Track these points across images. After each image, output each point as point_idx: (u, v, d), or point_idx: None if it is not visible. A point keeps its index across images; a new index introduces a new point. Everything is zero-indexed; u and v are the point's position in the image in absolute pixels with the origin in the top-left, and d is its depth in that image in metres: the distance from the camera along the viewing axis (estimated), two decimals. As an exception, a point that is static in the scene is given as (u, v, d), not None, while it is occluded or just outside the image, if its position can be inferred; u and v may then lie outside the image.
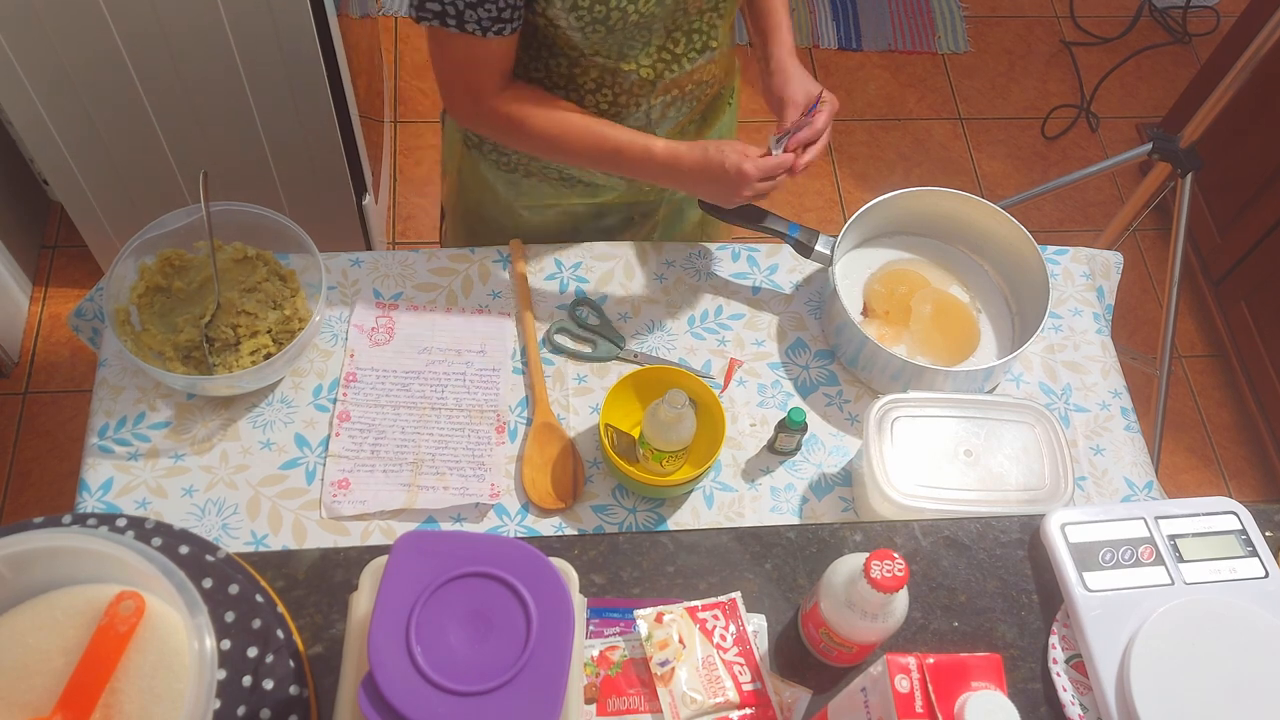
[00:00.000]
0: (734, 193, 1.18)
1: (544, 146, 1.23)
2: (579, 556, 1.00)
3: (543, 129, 1.19)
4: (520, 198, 1.39)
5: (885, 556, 0.84)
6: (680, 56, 1.21)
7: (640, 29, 1.14)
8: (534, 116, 1.18)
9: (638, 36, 1.15)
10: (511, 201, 1.40)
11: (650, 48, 1.18)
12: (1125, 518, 1.02)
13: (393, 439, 1.23)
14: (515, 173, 1.36)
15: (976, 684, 0.78)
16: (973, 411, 1.18)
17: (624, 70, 1.19)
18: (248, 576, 0.85)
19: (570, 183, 1.37)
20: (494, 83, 1.17)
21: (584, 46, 1.15)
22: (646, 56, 1.18)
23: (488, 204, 1.42)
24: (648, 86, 1.22)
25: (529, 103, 1.19)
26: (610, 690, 0.92)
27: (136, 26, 1.63)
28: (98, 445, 1.20)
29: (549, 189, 1.38)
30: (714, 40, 1.23)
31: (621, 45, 1.15)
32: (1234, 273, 2.44)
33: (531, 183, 1.37)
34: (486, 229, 1.46)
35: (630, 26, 1.12)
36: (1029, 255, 1.34)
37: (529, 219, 1.42)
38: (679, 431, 1.14)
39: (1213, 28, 3.10)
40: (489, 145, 1.35)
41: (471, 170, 1.40)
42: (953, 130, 2.84)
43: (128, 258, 1.21)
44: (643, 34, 1.15)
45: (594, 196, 1.40)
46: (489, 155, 1.36)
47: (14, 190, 2.24)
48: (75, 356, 2.23)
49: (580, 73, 1.20)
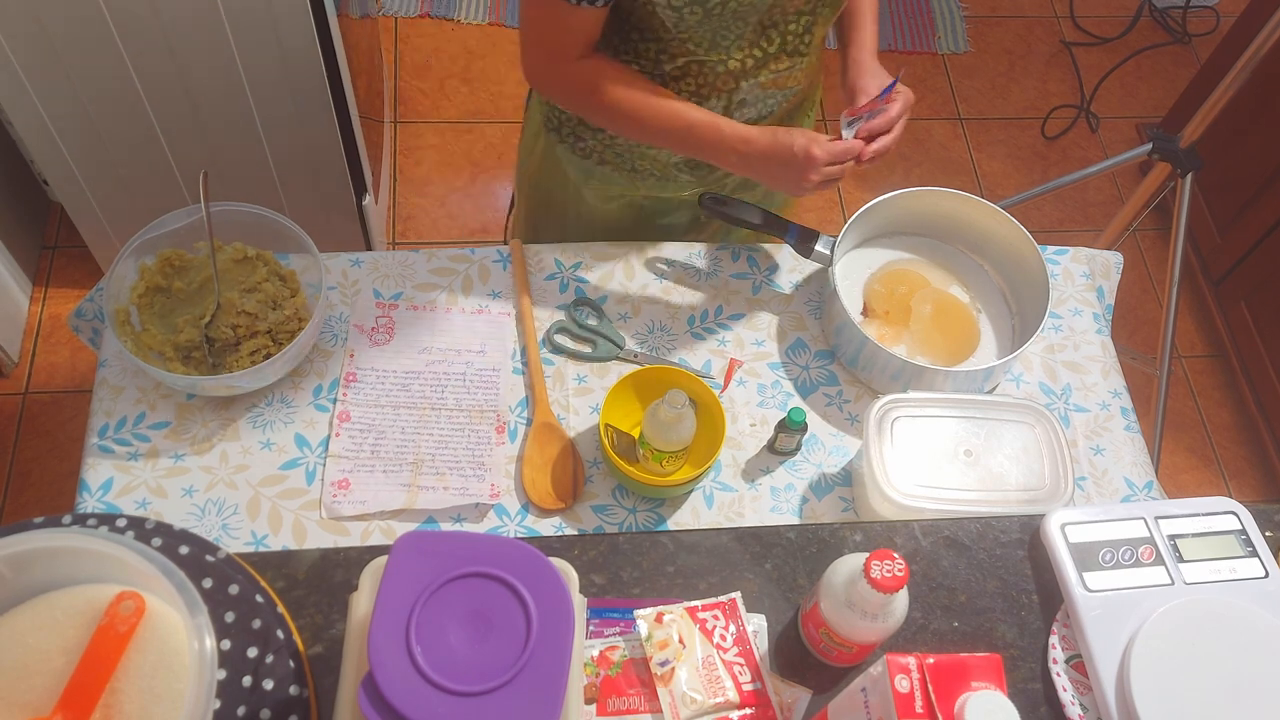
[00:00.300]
0: (802, 177, 1.16)
1: (615, 116, 1.21)
2: (579, 556, 1.00)
3: (616, 98, 1.18)
4: (590, 183, 1.39)
5: (885, 556, 0.84)
6: (770, 56, 1.20)
7: (736, 19, 1.13)
8: (609, 84, 1.18)
9: (732, 27, 1.14)
10: (581, 187, 1.40)
11: (742, 41, 1.17)
12: (1125, 518, 1.02)
13: (393, 439, 1.23)
14: (589, 159, 1.36)
15: (976, 684, 0.78)
16: (973, 411, 1.18)
17: (711, 60, 1.18)
18: (248, 577, 0.85)
19: (642, 175, 1.37)
20: (575, 50, 1.17)
21: (676, 30, 1.14)
22: (737, 50, 1.18)
23: (557, 189, 1.43)
24: (732, 81, 1.21)
25: (606, 71, 1.18)
26: (610, 690, 0.92)
27: (136, 27, 1.63)
28: (98, 445, 1.20)
29: (621, 179, 1.37)
30: (805, 45, 1.22)
31: (714, 33, 1.14)
32: (1234, 273, 2.44)
33: (605, 170, 1.37)
34: (552, 215, 1.46)
35: (728, 14, 1.11)
36: (1029, 255, 1.34)
37: (596, 208, 1.42)
38: (679, 431, 1.14)
39: (1212, 28, 3.10)
40: (568, 129, 1.35)
41: (548, 152, 1.40)
42: (953, 130, 2.84)
43: (128, 258, 1.21)
44: (737, 25, 1.14)
45: (663, 191, 1.39)
46: (566, 139, 1.36)
47: (14, 190, 2.24)
48: (75, 356, 2.23)
49: (667, 59, 1.19)
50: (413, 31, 2.80)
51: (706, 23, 1.12)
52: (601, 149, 1.34)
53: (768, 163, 1.17)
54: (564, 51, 1.17)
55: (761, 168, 1.19)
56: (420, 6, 2.84)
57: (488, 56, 2.78)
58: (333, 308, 1.32)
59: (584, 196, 1.41)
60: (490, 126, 2.67)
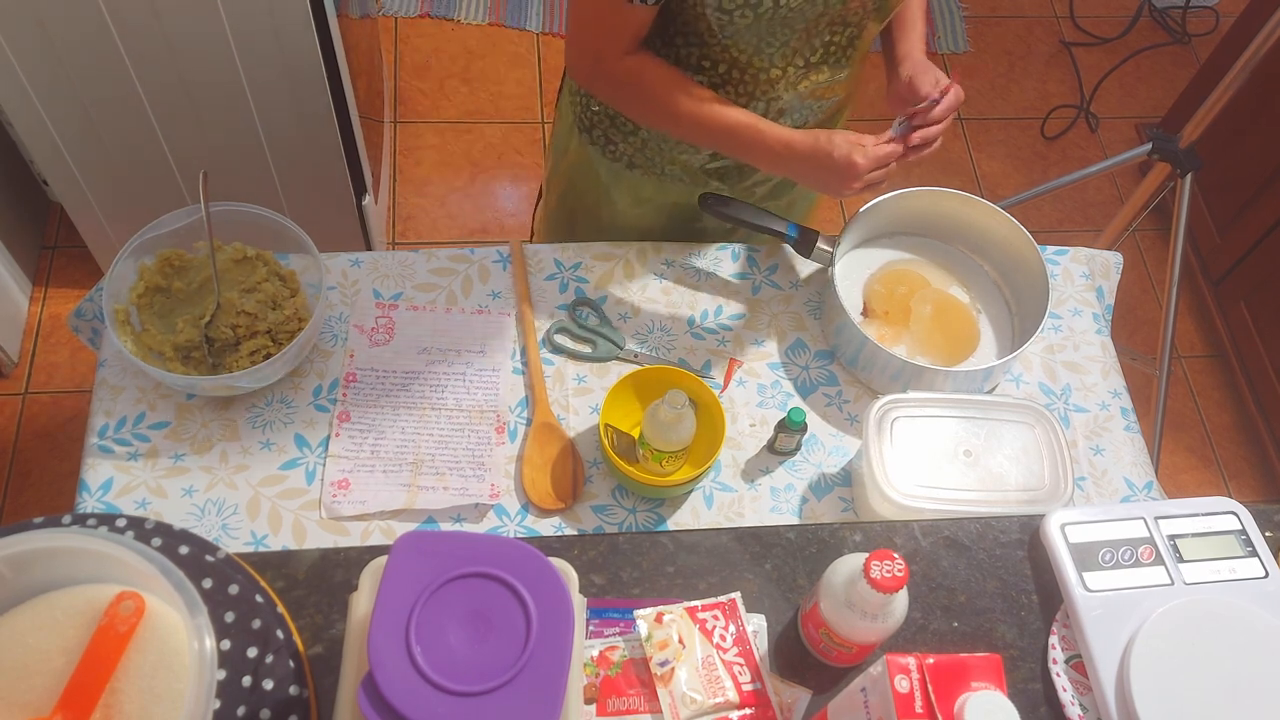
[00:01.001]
0: (844, 184, 1.16)
1: (656, 111, 1.21)
2: (579, 556, 1.00)
3: (658, 96, 1.18)
4: (620, 186, 1.39)
5: (885, 556, 0.84)
6: (812, 66, 1.20)
7: (784, 25, 1.12)
8: (652, 82, 1.18)
9: (778, 34, 1.14)
10: (610, 188, 1.40)
11: (786, 49, 1.17)
12: (1125, 518, 1.02)
13: (393, 439, 1.23)
14: (619, 163, 1.36)
15: (976, 684, 0.78)
16: (973, 412, 1.18)
17: (754, 68, 1.18)
18: (248, 577, 0.85)
19: (671, 180, 1.37)
20: (623, 46, 1.17)
21: (721, 34, 1.14)
22: (781, 57, 1.17)
23: (586, 190, 1.43)
24: (772, 89, 1.21)
25: (651, 68, 1.18)
26: (610, 690, 0.92)
27: (136, 27, 1.63)
28: (98, 445, 1.20)
29: (650, 184, 1.37)
30: (848, 57, 1.22)
31: (759, 39, 1.14)
32: (1234, 273, 2.44)
33: (635, 175, 1.37)
34: (578, 217, 1.46)
35: (777, 20, 1.11)
36: (1029, 255, 1.34)
37: (624, 211, 1.42)
38: (679, 432, 1.14)
39: (1212, 28, 3.10)
40: (599, 131, 1.35)
41: (579, 151, 1.40)
42: (952, 130, 2.84)
43: (127, 258, 1.21)
44: (783, 32, 1.14)
45: (692, 197, 1.38)
46: (598, 141, 1.36)
47: (14, 190, 2.24)
48: (75, 356, 2.23)
49: (710, 65, 1.19)
50: (413, 31, 2.80)
51: (754, 28, 1.12)
52: (632, 153, 1.34)
53: (809, 166, 1.17)
54: (612, 48, 1.17)
55: (802, 171, 1.19)
56: (420, 6, 2.84)
57: (488, 56, 2.78)
58: (332, 308, 1.32)
59: (612, 197, 1.41)
60: (490, 126, 2.67)
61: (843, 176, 1.15)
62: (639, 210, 1.42)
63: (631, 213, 1.42)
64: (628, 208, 1.42)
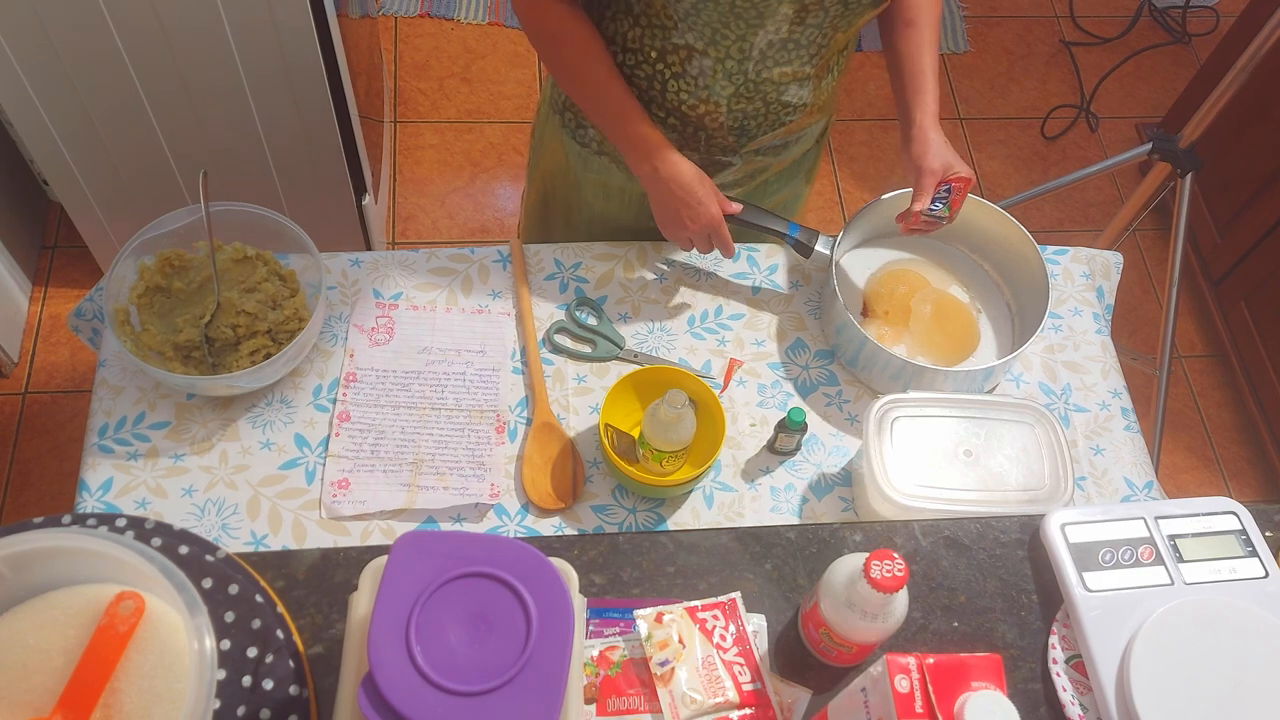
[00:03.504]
0: (689, 217, 1.23)
1: (564, 71, 1.23)
2: (579, 556, 1.00)
3: (573, 55, 1.20)
4: (589, 174, 1.39)
5: (885, 556, 0.84)
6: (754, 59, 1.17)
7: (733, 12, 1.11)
8: (576, 40, 1.18)
9: (732, 25, 1.12)
10: (580, 177, 1.40)
11: (726, 31, 1.14)
12: (1125, 518, 1.02)
13: (393, 439, 1.23)
14: (588, 148, 1.36)
15: (976, 684, 0.78)
16: (973, 411, 1.18)
17: (677, 44, 1.17)
18: (247, 577, 0.85)
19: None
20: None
21: (664, 11, 1.13)
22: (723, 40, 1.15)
23: (559, 176, 1.43)
24: (699, 62, 1.18)
25: (580, 29, 1.19)
26: (610, 690, 0.92)
27: (136, 26, 1.63)
28: (98, 445, 1.20)
29: (618, 171, 1.36)
30: (791, 56, 1.18)
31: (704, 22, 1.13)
32: (1234, 273, 2.44)
33: (602, 161, 1.36)
34: (552, 208, 1.46)
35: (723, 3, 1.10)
36: (1029, 255, 1.34)
37: (594, 203, 1.42)
38: (679, 431, 1.14)
39: (1212, 28, 3.10)
40: (570, 114, 1.35)
41: (553, 134, 1.40)
42: (952, 130, 2.84)
43: (127, 258, 1.21)
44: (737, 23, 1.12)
45: None
46: (569, 123, 1.36)
47: (14, 190, 2.24)
48: (75, 356, 2.23)
49: (650, 42, 1.19)
50: (412, 31, 2.80)
51: (700, 8, 1.10)
52: (600, 138, 1.34)
53: (673, 188, 1.21)
54: None
55: (665, 193, 1.22)
56: (420, 6, 2.84)
57: (488, 56, 2.78)
58: (333, 308, 1.32)
59: (583, 186, 1.41)
60: (490, 126, 2.67)
61: (694, 212, 1.23)
62: (606, 205, 1.42)
63: (599, 206, 1.42)
64: (596, 199, 1.41)
